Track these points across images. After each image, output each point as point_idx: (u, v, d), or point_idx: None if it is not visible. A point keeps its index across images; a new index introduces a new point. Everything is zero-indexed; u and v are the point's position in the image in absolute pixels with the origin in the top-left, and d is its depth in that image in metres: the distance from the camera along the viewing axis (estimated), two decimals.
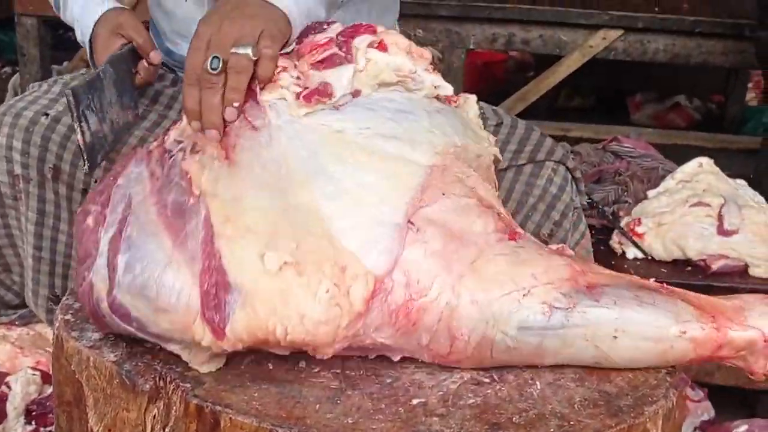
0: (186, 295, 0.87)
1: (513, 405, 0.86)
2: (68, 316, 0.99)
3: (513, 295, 0.89)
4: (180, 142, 0.99)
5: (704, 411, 1.55)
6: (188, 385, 0.87)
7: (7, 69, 4.44)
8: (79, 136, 1.23)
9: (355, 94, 1.01)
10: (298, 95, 0.98)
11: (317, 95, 0.98)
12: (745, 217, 1.55)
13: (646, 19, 2.88)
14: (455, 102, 1.09)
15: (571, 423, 0.84)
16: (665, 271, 1.54)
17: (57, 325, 0.99)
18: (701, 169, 1.67)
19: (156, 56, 1.35)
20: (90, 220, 0.95)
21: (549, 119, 3.46)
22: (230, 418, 0.83)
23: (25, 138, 1.41)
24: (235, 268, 0.87)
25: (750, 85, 4.28)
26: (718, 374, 1.60)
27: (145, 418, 0.89)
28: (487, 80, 4.16)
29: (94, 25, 1.37)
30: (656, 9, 2.98)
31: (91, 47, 1.38)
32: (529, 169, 1.44)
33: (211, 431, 0.85)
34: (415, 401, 0.87)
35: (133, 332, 0.90)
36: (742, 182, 1.70)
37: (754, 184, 1.76)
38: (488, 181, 1.03)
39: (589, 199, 1.74)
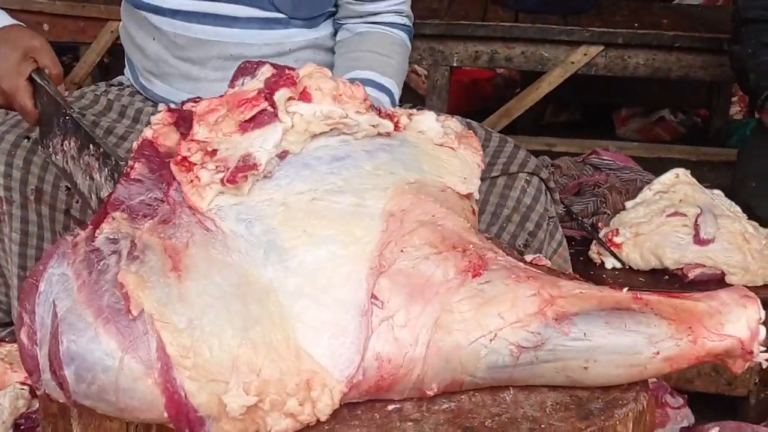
0: (149, 397, 0.83)
1: (486, 409, 0.89)
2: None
3: (480, 341, 0.88)
4: (114, 241, 0.89)
5: (684, 417, 1.57)
6: None
7: None
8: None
9: (282, 155, 0.95)
10: (222, 181, 0.92)
11: (240, 172, 0.92)
12: (721, 226, 1.58)
13: (626, 35, 2.91)
14: (400, 127, 1.03)
15: (542, 426, 0.86)
16: (643, 280, 1.57)
17: None
18: (678, 180, 1.70)
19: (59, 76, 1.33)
20: (23, 336, 0.87)
21: (535, 134, 3.49)
22: None
23: (8, 161, 1.44)
24: (204, 405, 0.82)
25: (734, 99, 4.33)
26: (698, 381, 1.62)
27: (128, 428, 0.91)
28: (475, 97, 4.19)
29: None
30: (636, 25, 3.01)
31: None
32: (503, 180, 1.47)
33: None
34: (390, 407, 0.89)
35: None
36: (718, 192, 1.73)
37: (731, 194, 1.80)
38: (456, 206, 1.00)
39: (568, 210, 1.77)
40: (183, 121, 0.97)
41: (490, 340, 0.88)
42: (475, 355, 0.88)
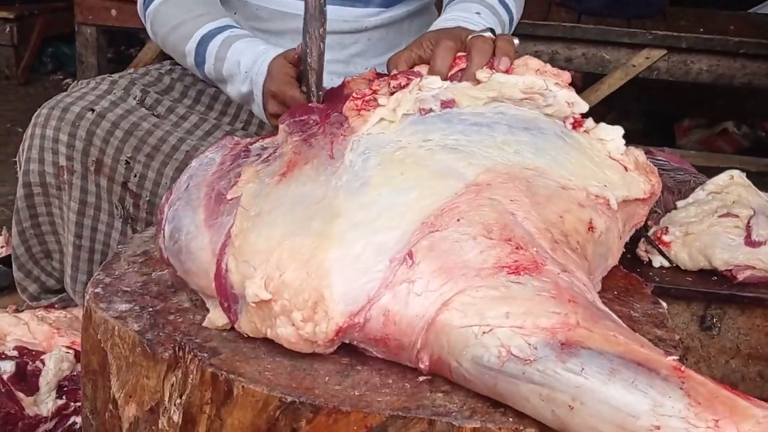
0: (206, 265, 0.97)
1: None
2: (98, 290, 1.04)
3: (473, 329, 0.84)
4: (264, 148, 1.05)
5: None
6: (205, 355, 0.91)
7: (69, 80, 4.61)
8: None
9: (448, 103, 1.04)
10: (386, 79, 1.07)
11: (406, 77, 1.06)
12: None
13: (690, 39, 2.88)
14: (581, 126, 1.07)
15: None
16: (690, 279, 1.54)
17: (87, 297, 1.04)
18: (732, 181, 1.67)
19: None
20: (164, 198, 1.06)
21: None
22: (243, 386, 0.87)
23: (71, 132, 1.48)
24: (237, 283, 0.92)
25: None
26: (742, 386, 1.59)
27: (163, 386, 0.93)
28: None
29: (268, 66, 1.34)
30: (701, 30, 2.97)
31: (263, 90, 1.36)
32: None
33: (225, 399, 0.88)
34: (421, 378, 0.89)
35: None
36: None
37: None
38: (559, 209, 0.98)
39: None
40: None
41: (483, 332, 0.83)
42: (463, 341, 0.84)
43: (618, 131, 1.08)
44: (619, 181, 1.05)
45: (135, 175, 1.51)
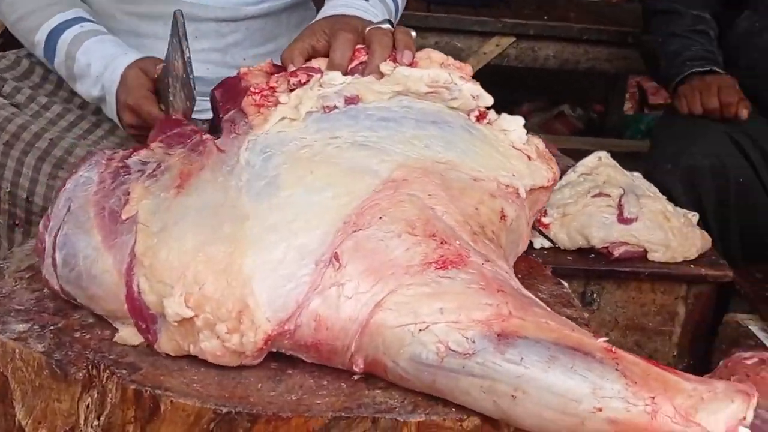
0: (114, 287, 0.92)
1: None
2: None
3: (409, 327, 0.83)
4: (144, 163, 1.01)
5: None
6: (124, 371, 0.86)
7: None
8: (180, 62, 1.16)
9: (353, 100, 1.02)
10: (289, 87, 1.03)
11: (305, 74, 1.03)
12: (642, 205, 1.63)
13: (537, 27, 2.98)
14: (485, 119, 1.07)
15: None
16: (571, 258, 1.60)
17: None
18: (600, 162, 1.74)
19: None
20: (41, 225, 1.00)
21: None
22: (171, 400, 0.82)
23: None
24: (153, 304, 0.88)
25: (626, 95, 4.49)
26: None
27: (78, 408, 0.87)
28: None
29: (121, 75, 1.30)
30: (545, 17, 3.09)
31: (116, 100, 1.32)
32: None
33: (151, 416, 0.83)
34: (356, 377, 0.88)
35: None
36: (637, 174, 1.78)
37: (646, 178, 1.85)
38: (473, 201, 0.98)
39: None
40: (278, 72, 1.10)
41: (420, 330, 0.82)
42: (399, 340, 0.83)
43: (519, 121, 1.10)
44: (524, 170, 1.07)
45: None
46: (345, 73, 1.06)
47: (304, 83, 1.04)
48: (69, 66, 1.37)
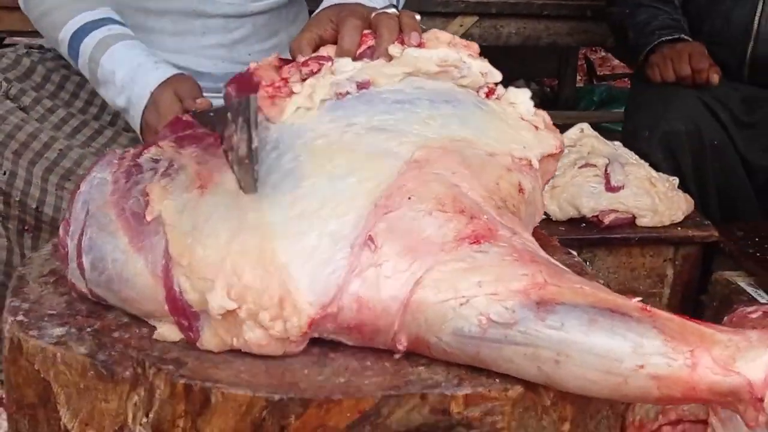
0: (149, 290, 0.92)
1: None
2: (20, 317, 0.96)
3: (450, 302, 0.85)
4: (155, 161, 1.00)
5: None
6: (170, 367, 0.87)
7: None
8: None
9: (364, 84, 1.02)
10: (296, 66, 1.03)
11: (317, 63, 1.03)
12: (628, 173, 1.68)
13: (499, 5, 3.02)
14: (494, 94, 1.09)
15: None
16: (563, 229, 1.65)
17: (8, 328, 0.95)
18: (583, 134, 1.79)
19: (204, 103, 1.27)
20: (61, 230, 0.99)
21: None
22: (222, 392, 0.83)
23: None
24: (196, 302, 0.89)
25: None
26: None
27: (126, 407, 0.88)
28: None
29: (152, 93, 1.27)
30: None
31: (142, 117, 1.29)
32: None
33: (202, 409, 0.84)
34: (397, 355, 0.90)
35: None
36: (618, 143, 1.84)
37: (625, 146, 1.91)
38: (493, 175, 1.00)
39: None
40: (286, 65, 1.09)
41: (461, 304, 0.84)
42: (441, 316, 0.86)
43: (526, 93, 1.12)
44: (534, 140, 1.09)
45: (4, 173, 1.38)
46: (354, 59, 1.08)
47: (316, 72, 1.05)
48: (93, 69, 1.34)
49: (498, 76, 1.09)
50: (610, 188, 1.67)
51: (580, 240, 1.66)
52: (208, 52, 1.42)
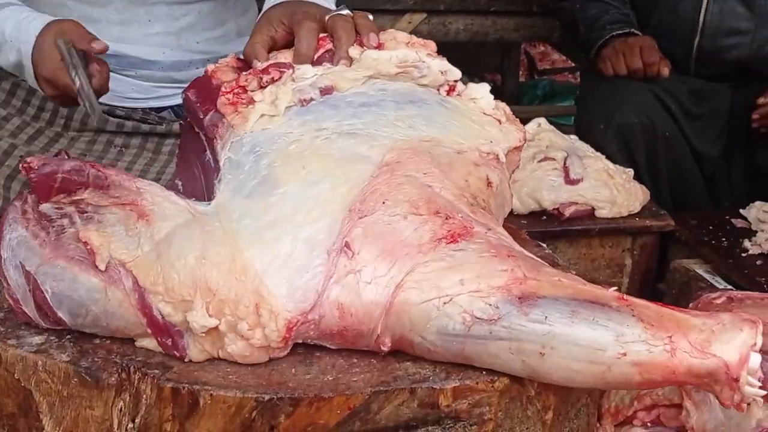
0: (134, 318, 0.90)
1: None
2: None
3: (433, 302, 0.86)
4: (59, 208, 0.94)
5: None
6: (157, 371, 0.86)
7: None
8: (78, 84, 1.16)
9: (327, 90, 1.02)
10: (260, 83, 1.01)
11: (277, 69, 1.02)
12: (586, 166, 1.71)
13: (447, 2, 3.03)
14: (454, 91, 1.09)
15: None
16: (525, 222, 1.67)
17: None
18: (541, 129, 1.82)
19: (98, 44, 1.23)
20: (10, 301, 0.93)
21: None
22: (210, 394, 0.83)
23: None
24: (180, 322, 0.88)
25: None
26: None
27: (111, 413, 0.87)
28: None
29: (36, 38, 1.25)
30: None
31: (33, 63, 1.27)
32: None
33: (190, 412, 0.84)
34: (382, 354, 0.90)
35: None
36: (574, 137, 1.87)
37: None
38: (462, 172, 1.01)
39: None
40: (246, 67, 1.08)
41: (444, 303, 0.85)
42: (426, 316, 0.86)
43: (485, 88, 1.12)
44: (498, 134, 1.10)
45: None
46: (312, 64, 1.07)
47: (277, 80, 1.04)
48: None
49: (457, 73, 1.09)
50: (570, 181, 1.70)
51: (542, 233, 1.68)
52: (155, 39, 1.40)
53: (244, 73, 1.08)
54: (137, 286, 0.89)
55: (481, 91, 1.13)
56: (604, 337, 0.82)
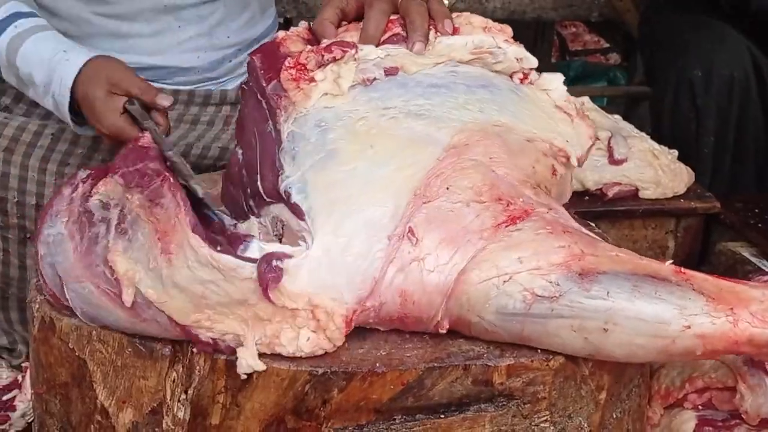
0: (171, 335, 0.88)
1: None
2: (50, 300, 0.94)
3: (492, 281, 0.85)
4: (105, 206, 0.91)
5: None
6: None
7: None
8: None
9: (392, 71, 0.98)
10: (322, 61, 0.97)
11: (340, 48, 0.98)
12: (631, 146, 1.69)
13: None
14: (527, 80, 1.05)
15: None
16: (567, 202, 1.65)
17: (37, 307, 0.94)
18: (584, 108, 1.79)
19: (165, 99, 1.18)
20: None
21: None
22: (264, 367, 0.83)
23: None
24: (234, 342, 0.86)
25: None
26: None
27: (165, 384, 0.87)
28: None
29: (77, 86, 1.19)
30: None
31: (75, 109, 1.22)
32: None
33: (243, 384, 0.84)
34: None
35: None
36: (618, 117, 1.84)
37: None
38: (530, 158, 0.99)
39: None
40: (315, 41, 1.04)
41: (504, 281, 0.85)
42: (484, 295, 0.85)
43: (558, 78, 1.09)
44: (572, 133, 1.06)
45: None
46: (378, 46, 1.02)
47: (339, 59, 0.99)
48: (15, 74, 1.27)
49: (534, 62, 1.05)
50: (614, 161, 1.67)
51: (584, 213, 1.64)
52: (188, 45, 1.39)
53: (306, 49, 1.04)
54: (173, 323, 0.86)
55: (555, 81, 1.08)
56: (668, 310, 0.82)
